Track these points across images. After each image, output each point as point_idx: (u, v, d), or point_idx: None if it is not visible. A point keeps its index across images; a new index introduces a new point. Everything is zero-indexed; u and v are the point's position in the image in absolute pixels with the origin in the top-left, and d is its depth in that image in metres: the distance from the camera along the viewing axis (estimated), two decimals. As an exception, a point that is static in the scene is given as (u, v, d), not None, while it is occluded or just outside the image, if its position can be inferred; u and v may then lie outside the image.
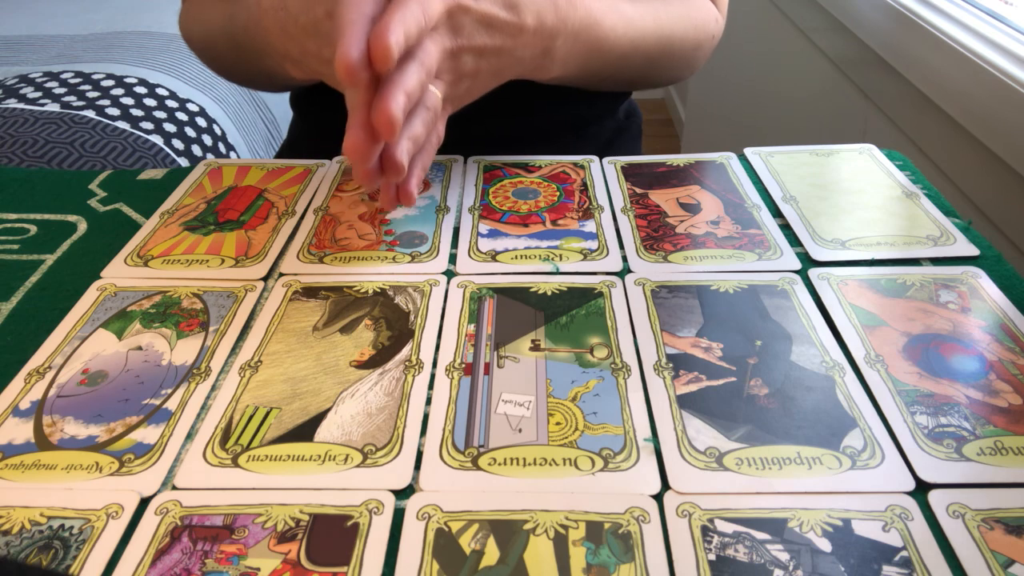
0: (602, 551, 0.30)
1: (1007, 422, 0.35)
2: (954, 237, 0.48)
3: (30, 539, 0.31)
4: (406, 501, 0.32)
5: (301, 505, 0.32)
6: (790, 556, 0.30)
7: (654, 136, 2.57)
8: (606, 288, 0.45)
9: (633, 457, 0.34)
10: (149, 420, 0.36)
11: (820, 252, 0.47)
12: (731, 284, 0.45)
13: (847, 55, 1.14)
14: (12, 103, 1.17)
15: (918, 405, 0.36)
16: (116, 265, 0.48)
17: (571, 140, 0.69)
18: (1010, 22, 0.81)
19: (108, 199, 0.56)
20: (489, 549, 0.30)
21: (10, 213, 0.54)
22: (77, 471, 0.34)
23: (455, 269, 0.47)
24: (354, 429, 0.36)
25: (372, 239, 0.50)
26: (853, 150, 0.60)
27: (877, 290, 0.44)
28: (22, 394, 0.38)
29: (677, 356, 0.40)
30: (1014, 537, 0.30)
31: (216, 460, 0.34)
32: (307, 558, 0.30)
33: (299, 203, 0.54)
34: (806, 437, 0.35)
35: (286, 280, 0.46)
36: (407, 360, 0.40)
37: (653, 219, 0.51)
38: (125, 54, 1.38)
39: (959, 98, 0.82)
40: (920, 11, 0.92)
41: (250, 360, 0.40)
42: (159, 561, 0.30)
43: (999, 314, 0.42)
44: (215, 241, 0.50)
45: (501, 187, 0.55)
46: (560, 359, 0.40)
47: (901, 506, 0.32)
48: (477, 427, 0.36)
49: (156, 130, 1.17)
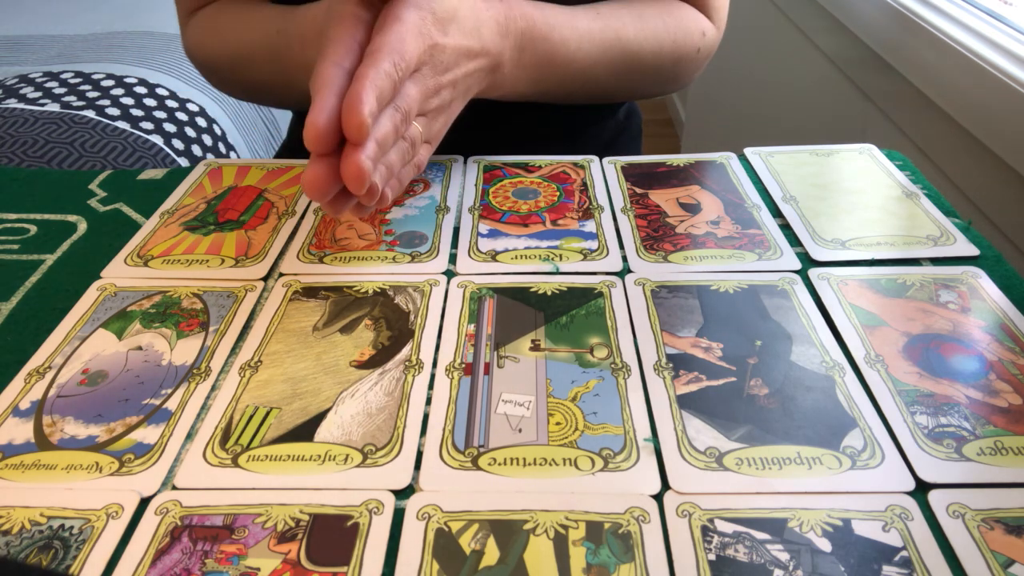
0: (602, 551, 0.30)
1: (1007, 422, 0.35)
2: (954, 237, 0.48)
3: (30, 539, 0.31)
4: (406, 501, 0.32)
5: (301, 505, 0.32)
6: (790, 556, 0.30)
7: (654, 136, 2.57)
8: (606, 288, 0.45)
9: (633, 457, 0.34)
10: (149, 420, 0.36)
11: (820, 252, 0.47)
12: (731, 284, 0.45)
13: (847, 55, 1.14)
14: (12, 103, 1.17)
15: (918, 405, 0.36)
16: (116, 265, 0.48)
17: (572, 140, 0.69)
18: (1010, 22, 0.81)
19: (108, 199, 0.56)
20: (489, 549, 0.30)
21: (10, 213, 0.54)
22: (77, 471, 0.34)
23: (455, 269, 0.47)
24: (354, 429, 0.36)
25: (372, 239, 0.50)
26: (853, 150, 0.60)
27: (877, 290, 0.44)
28: (22, 394, 0.38)
29: (677, 356, 0.40)
30: (1014, 537, 0.30)
31: (216, 460, 0.34)
32: (307, 558, 0.30)
33: (299, 203, 0.54)
34: (806, 437, 0.35)
35: (286, 280, 0.46)
36: (407, 360, 0.40)
37: (653, 219, 0.51)
38: (125, 54, 1.38)
39: (959, 98, 0.82)
40: (920, 11, 0.92)
41: (250, 360, 0.40)
42: (159, 561, 0.30)
43: (999, 314, 0.42)
44: (215, 241, 0.50)
45: (501, 187, 0.56)
46: (560, 359, 0.40)
47: (901, 506, 0.32)
48: (477, 427, 0.36)
49: (156, 130, 1.17)
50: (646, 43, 0.60)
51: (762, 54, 1.59)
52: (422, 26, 0.44)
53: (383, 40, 0.42)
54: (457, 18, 0.47)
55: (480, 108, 0.53)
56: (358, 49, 0.43)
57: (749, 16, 1.61)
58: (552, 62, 0.56)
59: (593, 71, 0.59)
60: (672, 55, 0.62)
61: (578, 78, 0.59)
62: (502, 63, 0.53)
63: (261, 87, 0.64)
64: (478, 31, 0.49)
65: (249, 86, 0.65)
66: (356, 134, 0.39)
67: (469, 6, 0.49)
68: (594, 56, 0.58)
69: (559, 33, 0.56)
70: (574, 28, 0.57)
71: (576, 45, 0.57)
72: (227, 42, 0.62)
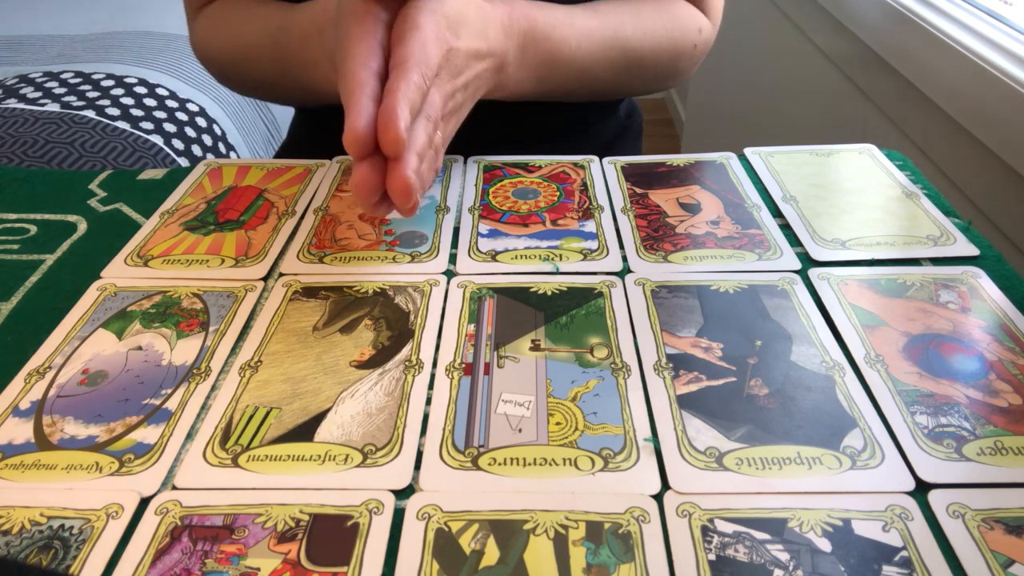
0: (602, 551, 0.30)
1: (1007, 422, 0.35)
2: (954, 237, 0.48)
3: (30, 539, 0.31)
4: (406, 501, 0.32)
5: (301, 505, 0.32)
6: (790, 556, 0.30)
7: (654, 136, 2.57)
8: (606, 288, 0.45)
9: (633, 457, 0.34)
10: (149, 420, 0.36)
11: (820, 252, 0.47)
12: (731, 284, 0.45)
13: (847, 55, 1.14)
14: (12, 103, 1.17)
15: (918, 405, 0.36)
16: (116, 265, 0.48)
17: (573, 140, 0.69)
18: (1010, 22, 0.81)
19: (108, 199, 0.56)
20: (489, 549, 0.30)
21: (10, 213, 0.54)
22: (77, 471, 0.34)
23: (455, 269, 0.47)
24: (354, 429, 0.36)
25: (372, 239, 0.50)
26: (853, 150, 0.60)
27: (877, 290, 0.44)
28: (22, 394, 0.38)
29: (677, 356, 0.40)
30: (1014, 537, 0.30)
31: (216, 460, 0.34)
32: (307, 558, 0.30)
33: (299, 203, 0.54)
34: (806, 437, 0.35)
35: (286, 280, 0.46)
36: (407, 360, 0.40)
37: (653, 219, 0.51)
38: (125, 54, 1.38)
39: (959, 98, 0.82)
40: (920, 11, 0.92)
41: (250, 360, 0.40)
42: (159, 561, 0.30)
43: (999, 314, 0.42)
44: (215, 241, 0.50)
45: (501, 187, 0.56)
46: (560, 359, 0.40)
47: (901, 506, 0.32)
48: (477, 427, 0.36)
49: (156, 130, 1.17)
50: (644, 40, 0.61)
51: (762, 54, 1.59)
52: (439, 32, 0.45)
53: (408, 51, 0.42)
54: (466, 20, 0.47)
55: (481, 108, 0.53)
56: (379, 49, 0.43)
57: (749, 16, 1.61)
58: (554, 61, 0.57)
59: (593, 69, 0.59)
60: (670, 51, 0.63)
61: (579, 76, 0.59)
62: (506, 63, 0.53)
63: (263, 83, 0.64)
64: (485, 32, 0.49)
65: (252, 82, 0.65)
66: (392, 148, 0.40)
67: (476, 7, 0.49)
68: (594, 54, 0.59)
69: (560, 32, 0.56)
70: (574, 27, 0.57)
71: (576, 44, 0.57)
72: (230, 38, 0.62)
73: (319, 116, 0.71)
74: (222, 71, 0.66)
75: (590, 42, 0.58)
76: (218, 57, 0.65)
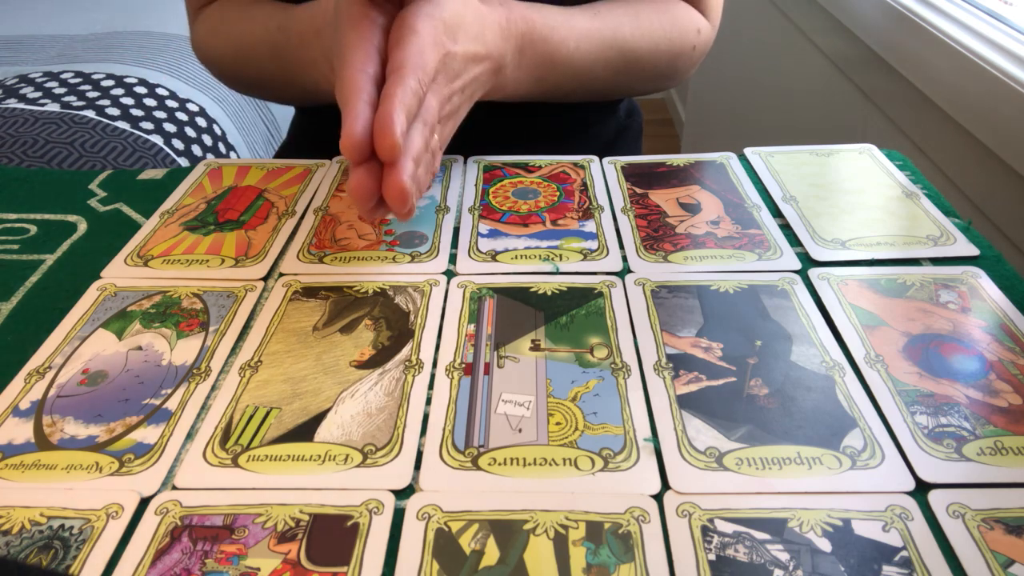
0: (602, 551, 0.30)
1: (1007, 422, 0.35)
2: (954, 237, 0.48)
3: (30, 539, 0.31)
4: (406, 501, 0.32)
5: (301, 505, 0.32)
6: (790, 556, 0.30)
7: (654, 136, 2.57)
8: (606, 288, 0.45)
9: (633, 457, 0.34)
10: (149, 420, 0.36)
11: (820, 252, 0.47)
12: (731, 284, 0.45)
13: (847, 55, 1.14)
14: (12, 103, 1.17)
15: (918, 405, 0.36)
16: (116, 265, 0.48)
17: (573, 140, 0.69)
18: (1010, 22, 0.81)
19: (108, 199, 0.56)
20: (489, 549, 0.30)
21: (10, 213, 0.54)
22: (77, 471, 0.34)
23: (455, 269, 0.47)
24: (354, 429, 0.36)
25: (372, 239, 0.50)
26: (853, 150, 0.60)
27: (877, 290, 0.44)
28: (22, 394, 0.38)
29: (677, 356, 0.40)
30: (1014, 537, 0.30)
31: (216, 460, 0.34)
32: (307, 558, 0.30)
33: (299, 203, 0.54)
34: (806, 437, 0.35)
35: (286, 280, 0.46)
36: (407, 360, 0.40)
37: (653, 219, 0.51)
38: (125, 54, 1.38)
39: (959, 98, 0.82)
40: (920, 11, 0.92)
41: (250, 360, 0.40)
42: (159, 561, 0.30)
43: (999, 314, 0.42)
44: (215, 241, 0.50)
45: (501, 187, 0.56)
46: (560, 359, 0.40)
47: (901, 506, 0.32)
48: (477, 427, 0.36)
49: (156, 130, 1.17)
50: (643, 41, 0.61)
51: (762, 54, 1.59)
52: (436, 36, 0.45)
53: (404, 56, 0.43)
54: (463, 24, 0.47)
55: (481, 108, 0.53)
56: (376, 54, 0.43)
57: (749, 16, 1.61)
58: (552, 62, 0.57)
59: (592, 70, 0.60)
60: (668, 52, 0.63)
61: (577, 77, 0.59)
62: (504, 66, 0.53)
63: (263, 83, 0.64)
64: (483, 36, 0.50)
65: (251, 81, 0.66)
66: (389, 154, 0.40)
67: (473, 11, 0.49)
68: (593, 55, 0.59)
69: (558, 34, 0.56)
70: (572, 28, 0.57)
71: (575, 45, 0.57)
72: (230, 38, 0.63)
73: (319, 116, 0.71)
74: (222, 70, 0.66)
75: (588, 43, 0.58)
76: (218, 56, 0.65)
